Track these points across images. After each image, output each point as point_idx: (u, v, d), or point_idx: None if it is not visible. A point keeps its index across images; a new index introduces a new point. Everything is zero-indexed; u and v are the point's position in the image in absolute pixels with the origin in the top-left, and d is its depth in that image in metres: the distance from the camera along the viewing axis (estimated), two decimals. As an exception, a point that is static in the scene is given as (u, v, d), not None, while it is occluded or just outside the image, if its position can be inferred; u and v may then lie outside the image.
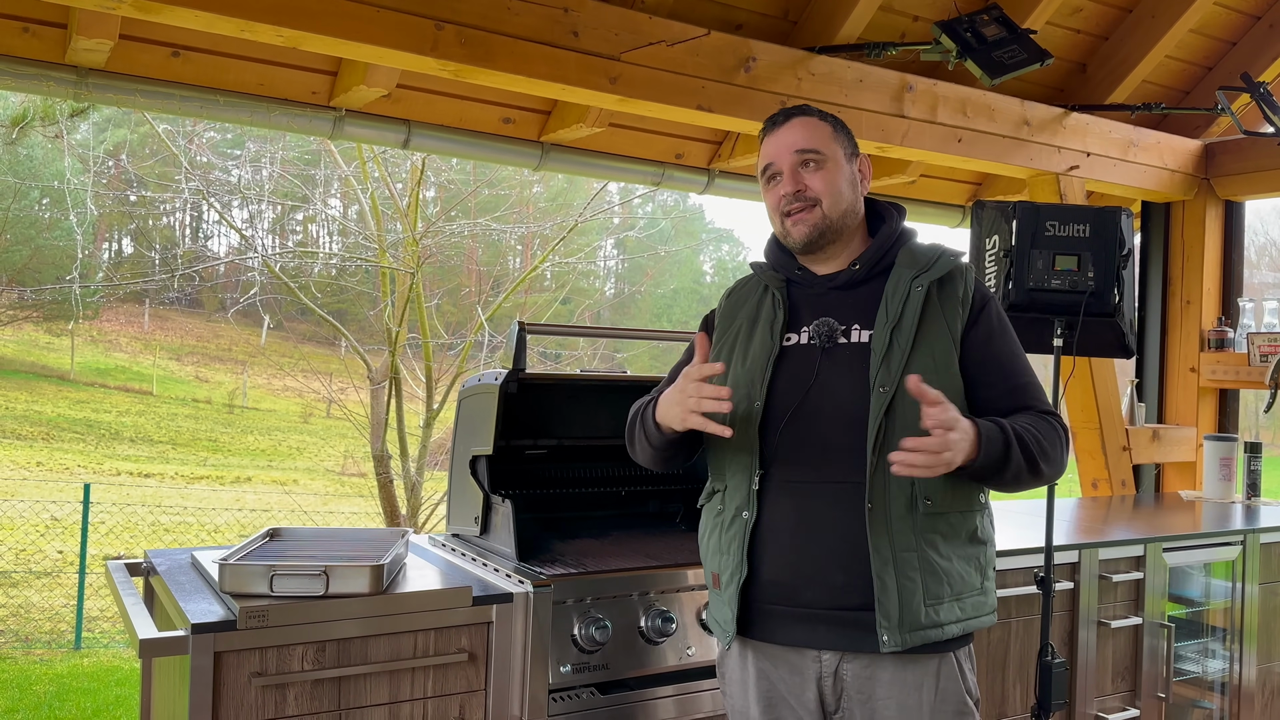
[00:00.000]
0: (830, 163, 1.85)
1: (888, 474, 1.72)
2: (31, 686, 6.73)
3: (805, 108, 1.92)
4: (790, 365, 1.85)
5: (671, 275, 27.50)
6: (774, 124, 1.91)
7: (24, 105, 8.28)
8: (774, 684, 1.84)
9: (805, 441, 1.80)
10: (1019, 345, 1.91)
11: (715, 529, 1.90)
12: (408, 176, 8.76)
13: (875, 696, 1.77)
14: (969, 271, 1.89)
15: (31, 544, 10.17)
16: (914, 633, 1.72)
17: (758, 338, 1.90)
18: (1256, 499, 3.94)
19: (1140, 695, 3.03)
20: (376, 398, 8.85)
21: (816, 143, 1.85)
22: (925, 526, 1.75)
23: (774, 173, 1.89)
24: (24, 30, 2.81)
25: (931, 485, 1.75)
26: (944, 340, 1.80)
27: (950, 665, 1.79)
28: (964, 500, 1.81)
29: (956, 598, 1.78)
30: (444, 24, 2.76)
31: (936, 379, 1.75)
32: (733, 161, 3.99)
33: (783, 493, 1.80)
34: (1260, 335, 4.18)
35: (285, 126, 3.29)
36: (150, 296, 23.62)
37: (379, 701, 1.96)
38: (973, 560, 1.82)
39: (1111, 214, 2.63)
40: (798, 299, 1.92)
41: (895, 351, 1.77)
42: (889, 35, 3.69)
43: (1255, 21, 4.36)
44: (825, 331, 1.83)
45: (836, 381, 1.80)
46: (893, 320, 1.80)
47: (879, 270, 1.88)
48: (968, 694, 1.81)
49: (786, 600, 1.80)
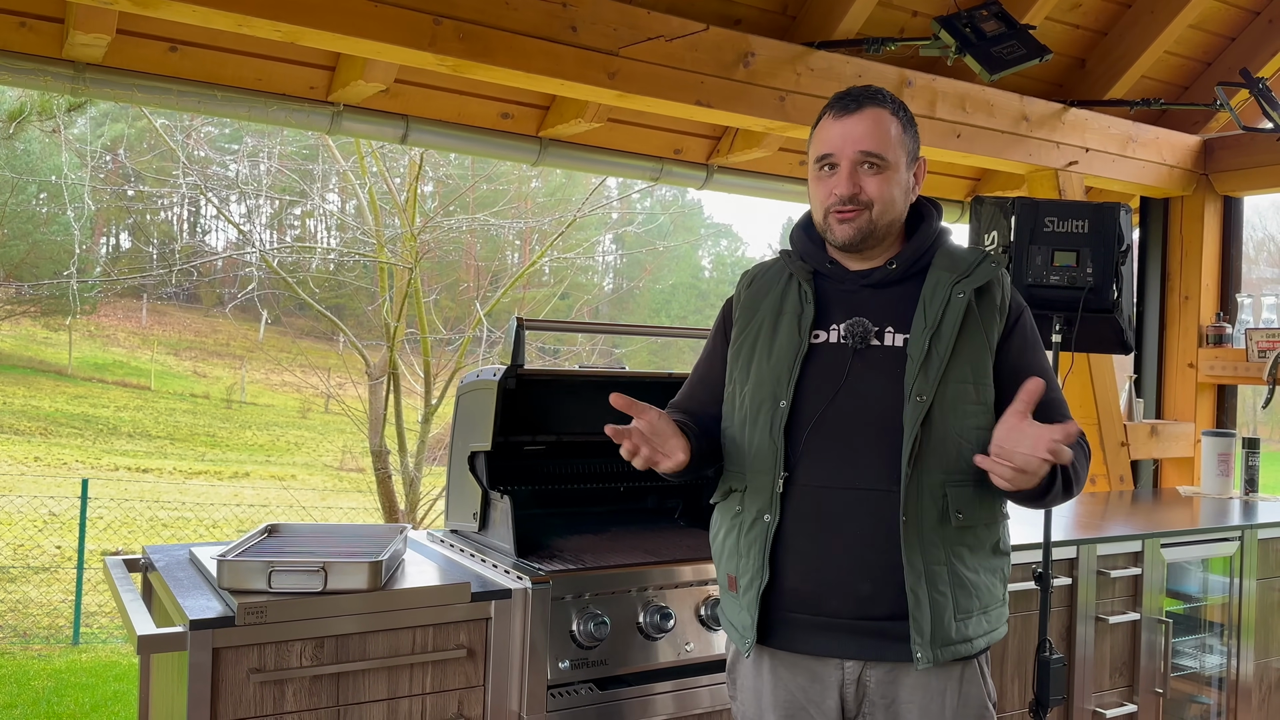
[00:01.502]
0: (890, 169, 1.76)
1: (921, 486, 1.69)
2: (30, 682, 6.73)
3: (878, 94, 1.79)
4: (818, 365, 1.78)
5: (670, 270, 27.50)
6: (844, 109, 1.78)
7: (21, 100, 8.27)
8: (793, 692, 1.79)
9: (833, 445, 1.74)
10: (1046, 357, 1.88)
11: (733, 530, 1.83)
12: (406, 171, 8.74)
13: (899, 700, 1.74)
14: (1006, 279, 1.84)
15: (29, 539, 10.17)
16: (945, 648, 1.70)
17: (784, 332, 1.82)
18: (1254, 494, 3.94)
19: (1138, 690, 3.04)
20: (375, 393, 8.84)
21: (883, 146, 1.75)
22: (955, 539, 1.72)
23: (830, 164, 1.78)
24: (21, 25, 2.80)
25: (962, 498, 1.72)
26: (981, 351, 1.76)
27: (973, 670, 1.78)
28: (990, 513, 1.78)
29: (984, 610, 1.76)
30: (442, 19, 2.75)
31: (973, 389, 1.73)
32: (731, 157, 3.98)
33: (807, 497, 1.75)
34: (1258, 331, 4.18)
35: (283, 121, 3.28)
36: (148, 291, 23.58)
37: (377, 697, 1.96)
38: (997, 572, 1.80)
39: (1110, 210, 2.63)
40: (827, 294, 1.84)
41: (934, 359, 1.72)
42: (888, 30, 3.69)
43: (1254, 17, 4.36)
44: (859, 332, 1.77)
45: (868, 385, 1.75)
46: (931, 327, 1.74)
47: (915, 270, 1.81)
48: (988, 697, 1.80)
49: (809, 609, 1.75)
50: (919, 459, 1.69)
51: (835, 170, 1.78)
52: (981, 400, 1.75)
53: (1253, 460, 3.98)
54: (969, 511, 1.73)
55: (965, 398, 1.73)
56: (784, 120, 3.36)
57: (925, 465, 1.70)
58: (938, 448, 1.70)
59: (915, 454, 1.69)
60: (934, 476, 1.71)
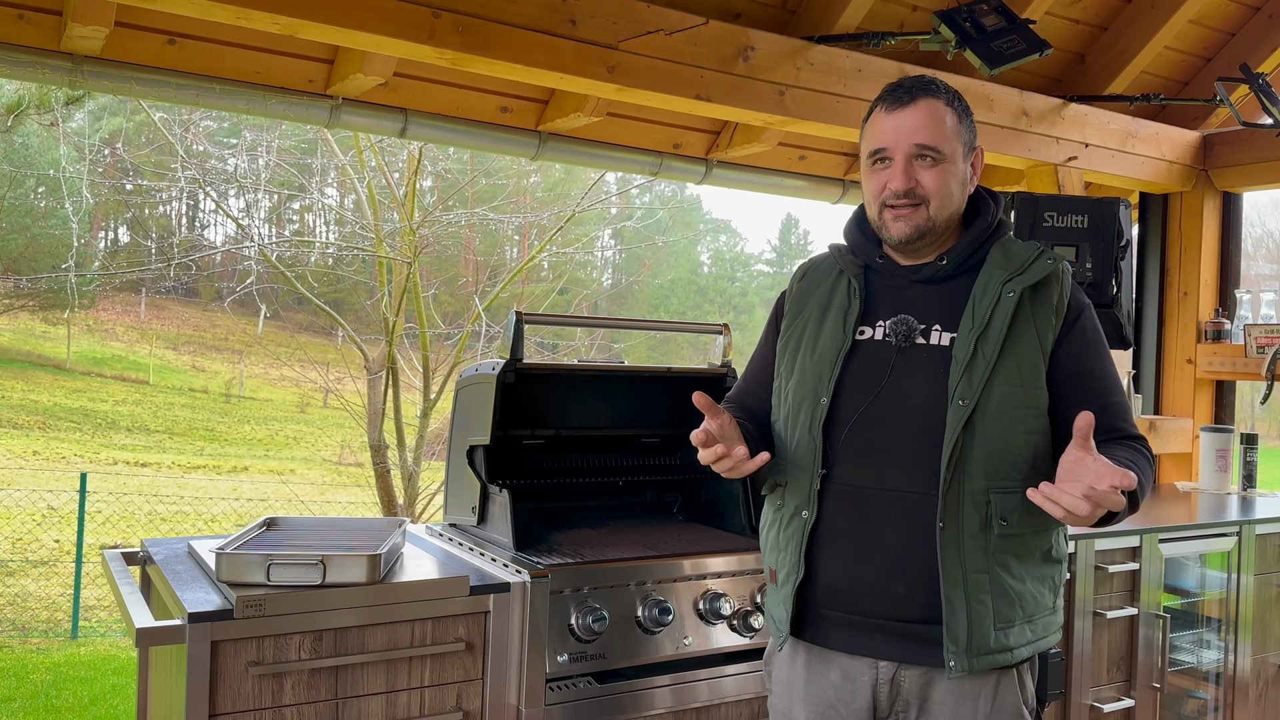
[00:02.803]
0: (947, 162, 1.70)
1: (962, 491, 1.65)
2: (28, 675, 6.74)
3: (931, 85, 1.74)
4: (862, 362, 1.74)
5: (669, 265, 27.49)
6: (897, 101, 1.72)
7: (19, 93, 8.25)
8: (824, 689, 1.77)
9: (872, 445, 1.70)
10: (1110, 358, 1.78)
11: (775, 524, 1.83)
12: (405, 166, 8.73)
13: (931, 702, 1.71)
14: (1066, 275, 1.75)
15: (28, 533, 10.17)
16: (981, 657, 1.65)
17: (829, 328, 1.79)
18: (1252, 490, 3.94)
19: (1135, 685, 3.04)
20: (373, 387, 8.84)
21: (939, 139, 1.69)
22: (999, 547, 1.66)
23: (884, 157, 1.73)
24: (19, 17, 2.80)
25: (1008, 505, 1.66)
26: (1033, 353, 1.68)
27: (1011, 678, 1.72)
28: (1040, 520, 1.68)
29: (1028, 620, 1.70)
30: (441, 12, 2.75)
31: (1022, 394, 1.67)
32: (731, 151, 3.98)
33: (844, 496, 1.72)
34: (1257, 327, 4.19)
35: (282, 115, 3.28)
36: (147, 285, 23.59)
37: (376, 691, 1.96)
38: (1046, 580, 1.74)
39: (1110, 205, 2.63)
40: (875, 289, 1.80)
41: (979, 362, 1.66)
42: (888, 25, 3.69)
43: (1254, 13, 4.36)
44: (904, 330, 1.72)
45: (911, 384, 1.70)
46: (979, 327, 1.68)
47: (968, 267, 1.75)
48: (1025, 705, 1.74)
49: (843, 607, 1.73)
50: (961, 464, 1.65)
51: (889, 164, 1.73)
52: (1032, 404, 1.68)
53: (1251, 456, 3.99)
54: (1015, 519, 1.66)
55: (1014, 401, 1.67)
56: (783, 115, 3.36)
57: (968, 471, 1.65)
58: (981, 453, 1.65)
59: (956, 459, 1.64)
60: (977, 483, 1.66)
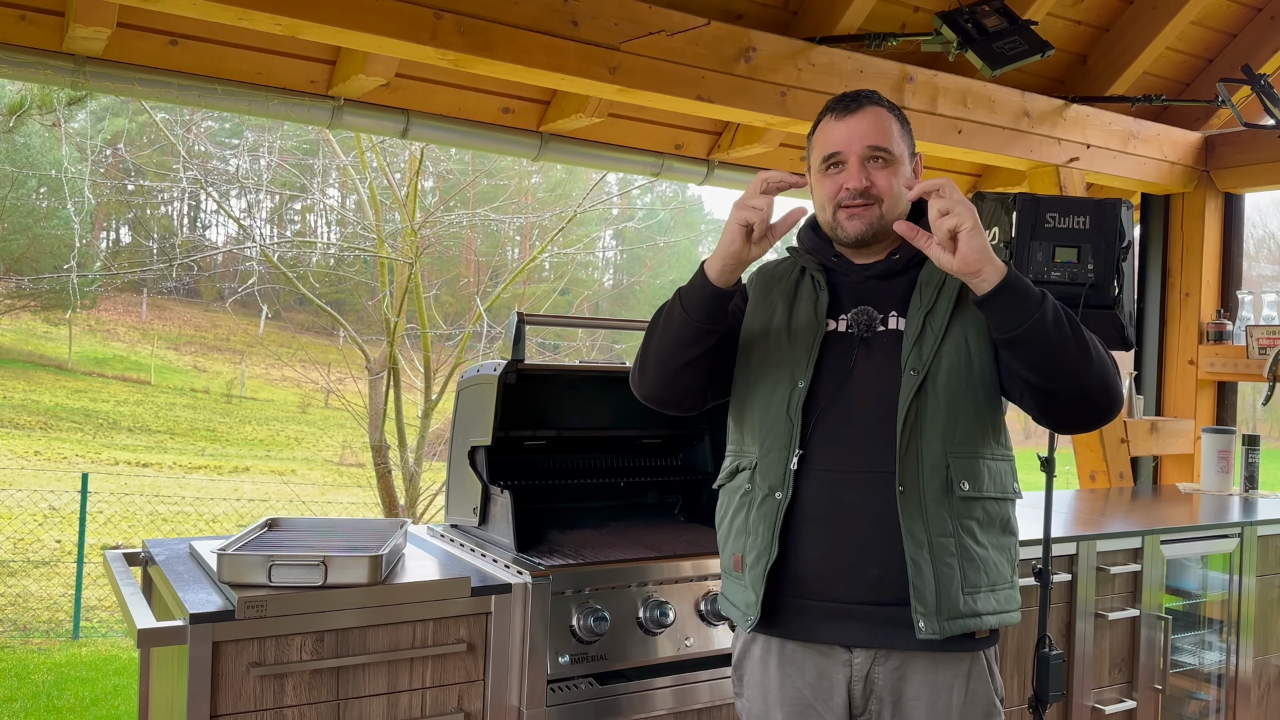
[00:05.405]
0: (897, 163, 1.80)
1: (920, 457, 1.71)
2: (30, 675, 6.74)
3: (874, 95, 1.85)
4: (830, 352, 1.82)
5: (670, 266, 27.44)
6: (845, 109, 1.82)
7: (21, 93, 8.25)
8: (800, 689, 1.78)
9: (840, 430, 1.76)
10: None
11: (741, 509, 1.83)
12: (406, 166, 8.74)
13: (905, 696, 1.74)
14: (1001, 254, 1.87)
15: (29, 533, 10.17)
16: (952, 620, 1.69)
17: (802, 315, 1.85)
18: (1254, 491, 3.94)
19: (1137, 687, 3.04)
20: (375, 388, 8.84)
21: (887, 140, 1.79)
22: (962, 512, 1.73)
23: (838, 161, 1.81)
24: (21, 18, 2.80)
25: (969, 470, 1.74)
26: (977, 324, 1.78)
27: (980, 666, 1.78)
28: (999, 485, 1.79)
29: (992, 588, 1.75)
30: (443, 13, 2.75)
31: (969, 363, 1.76)
32: (732, 152, 3.98)
33: (816, 479, 1.76)
34: (1259, 328, 4.18)
35: (283, 116, 3.28)
36: (148, 286, 23.58)
37: (377, 691, 1.96)
38: (1005, 551, 1.80)
39: (1111, 206, 2.62)
40: (836, 284, 1.88)
41: (928, 335, 1.76)
42: (889, 26, 3.68)
43: (1256, 14, 4.35)
44: (864, 320, 1.81)
45: (872, 370, 1.78)
46: (926, 306, 1.79)
47: (917, 261, 1.84)
48: (995, 694, 1.79)
49: (818, 594, 1.75)
50: (917, 430, 1.72)
51: (842, 168, 1.81)
52: (980, 373, 1.77)
53: (1252, 457, 3.99)
54: (975, 482, 1.74)
55: (961, 371, 1.76)
56: (785, 115, 3.36)
57: (924, 437, 1.73)
58: (935, 419, 1.72)
59: (911, 424, 1.72)
60: (934, 447, 1.73)
